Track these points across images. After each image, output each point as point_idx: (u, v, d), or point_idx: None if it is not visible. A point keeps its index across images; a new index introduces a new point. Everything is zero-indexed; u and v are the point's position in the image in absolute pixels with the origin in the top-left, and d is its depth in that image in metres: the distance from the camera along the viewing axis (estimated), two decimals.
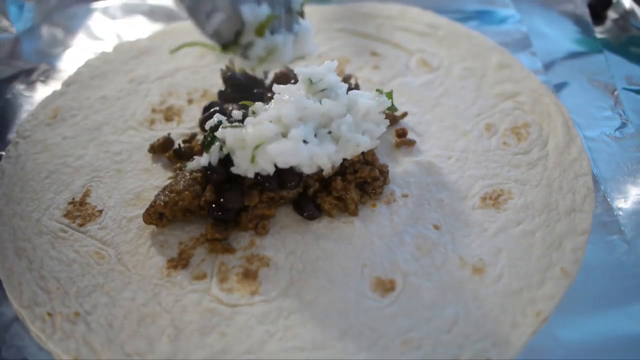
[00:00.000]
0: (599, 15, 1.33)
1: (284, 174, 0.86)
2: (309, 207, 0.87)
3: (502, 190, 0.92)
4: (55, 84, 1.19)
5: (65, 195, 0.94)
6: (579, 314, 0.78)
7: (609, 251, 0.85)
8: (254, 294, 0.80)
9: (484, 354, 0.72)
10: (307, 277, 0.81)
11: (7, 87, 1.21)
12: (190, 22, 0.76)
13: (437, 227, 0.87)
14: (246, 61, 0.80)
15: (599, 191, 0.93)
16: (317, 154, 0.84)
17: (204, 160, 0.86)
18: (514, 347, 0.73)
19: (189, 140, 1.00)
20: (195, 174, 0.88)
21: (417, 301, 0.78)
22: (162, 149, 0.99)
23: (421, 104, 1.08)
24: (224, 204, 0.85)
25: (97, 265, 0.84)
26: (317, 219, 0.88)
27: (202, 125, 1.01)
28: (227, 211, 0.86)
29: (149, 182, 0.96)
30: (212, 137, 0.87)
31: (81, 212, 0.92)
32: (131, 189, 0.95)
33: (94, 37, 1.35)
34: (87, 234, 0.89)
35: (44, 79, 1.23)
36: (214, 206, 0.86)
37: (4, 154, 1.02)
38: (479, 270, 0.81)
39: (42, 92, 1.19)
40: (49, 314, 0.78)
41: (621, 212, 0.91)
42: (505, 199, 0.90)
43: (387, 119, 1.02)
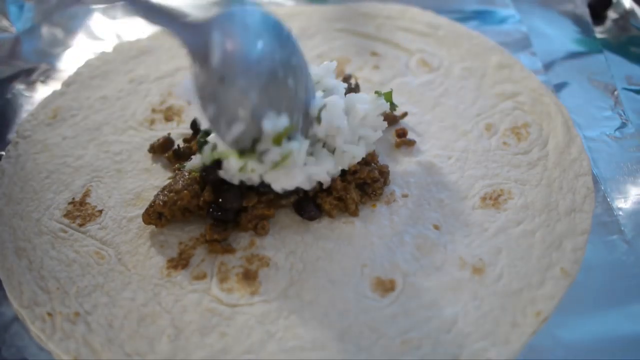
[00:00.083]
0: (599, 15, 1.33)
1: None
2: (309, 208, 0.87)
3: (502, 190, 0.92)
4: (55, 84, 1.19)
5: (65, 195, 0.94)
6: (579, 314, 0.78)
7: (609, 251, 0.85)
8: (254, 294, 0.80)
9: (483, 353, 0.72)
10: (307, 277, 0.81)
11: (7, 87, 1.20)
12: None
13: (437, 227, 0.87)
14: (261, 165, 0.80)
15: (599, 191, 0.93)
16: (315, 173, 0.84)
17: (198, 160, 0.87)
18: (514, 347, 0.73)
19: (189, 140, 1.00)
20: (194, 174, 0.88)
21: (417, 301, 0.78)
22: (162, 149, 0.99)
23: (421, 104, 1.08)
24: (222, 205, 0.85)
25: (97, 265, 0.84)
26: (317, 219, 0.88)
27: (192, 126, 1.01)
28: (226, 212, 0.86)
29: (149, 182, 0.96)
30: (205, 138, 0.87)
31: (81, 212, 0.92)
32: (131, 189, 0.95)
33: (94, 37, 1.35)
34: (87, 234, 0.89)
35: (44, 79, 1.23)
36: (213, 207, 0.86)
37: (4, 154, 1.02)
38: (479, 270, 0.81)
39: (42, 92, 1.19)
40: (49, 314, 0.78)
41: (621, 212, 0.91)
42: (505, 199, 0.90)
43: (386, 120, 1.02)
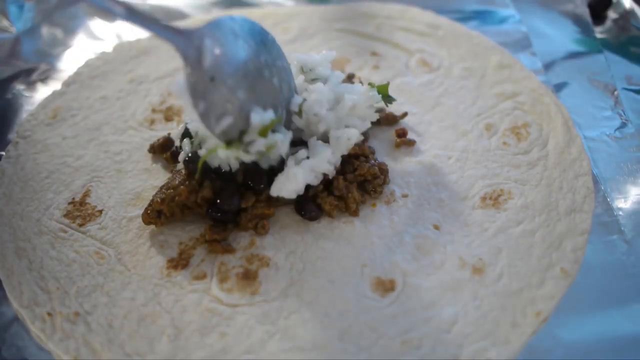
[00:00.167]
0: (599, 15, 1.33)
1: (275, 174, 0.86)
2: (310, 208, 0.87)
3: (502, 190, 0.92)
4: (55, 84, 1.19)
5: (65, 195, 0.94)
6: (579, 314, 0.78)
7: (609, 251, 0.85)
8: (254, 294, 0.80)
9: (483, 353, 0.72)
10: (307, 277, 0.81)
11: (7, 87, 1.20)
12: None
13: (437, 227, 0.87)
14: (247, 155, 0.83)
15: (599, 191, 0.93)
16: (316, 165, 0.86)
17: (181, 155, 0.88)
18: (514, 347, 0.73)
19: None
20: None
21: (417, 301, 0.78)
22: (162, 149, 0.99)
23: (421, 104, 1.08)
24: (220, 206, 0.85)
25: (97, 265, 0.84)
26: (317, 219, 0.88)
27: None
28: (225, 213, 0.86)
29: (149, 182, 0.96)
30: (185, 132, 0.90)
31: (81, 212, 0.92)
32: (131, 189, 0.95)
33: (94, 37, 1.35)
34: (87, 234, 0.89)
35: (44, 79, 1.23)
36: (211, 208, 0.86)
37: (4, 154, 1.02)
38: (478, 270, 0.81)
39: (42, 92, 1.19)
40: (49, 314, 0.78)
41: (621, 212, 0.91)
42: (505, 199, 0.90)
43: (386, 120, 1.02)
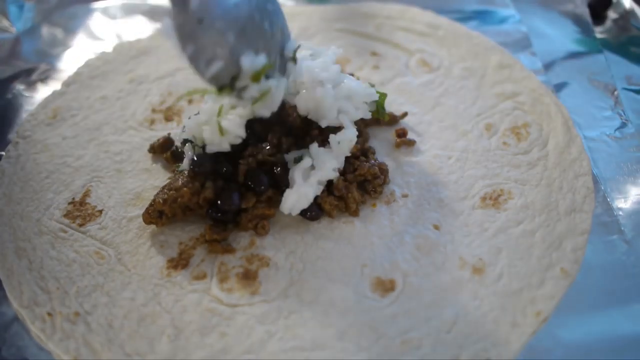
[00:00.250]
0: (599, 15, 1.33)
1: (276, 175, 0.87)
2: (310, 208, 0.87)
3: (502, 190, 0.92)
4: (55, 84, 1.19)
5: (65, 195, 0.94)
6: (579, 314, 0.78)
7: (609, 251, 0.85)
8: (254, 294, 0.80)
9: (483, 353, 0.72)
10: (307, 277, 0.81)
11: (7, 87, 1.20)
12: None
13: (437, 227, 0.87)
14: (240, 101, 0.82)
15: (599, 191, 0.93)
16: (323, 177, 0.86)
17: (185, 161, 0.88)
18: (514, 347, 0.73)
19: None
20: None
21: (417, 301, 0.78)
22: (162, 149, 0.99)
23: (421, 104, 1.08)
24: (221, 207, 0.85)
25: (97, 265, 0.84)
26: (317, 219, 0.88)
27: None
28: (225, 213, 0.86)
29: (149, 182, 0.96)
30: (185, 139, 0.90)
31: (81, 212, 0.92)
32: (131, 189, 0.95)
33: (94, 37, 1.35)
34: (87, 234, 0.89)
35: (44, 79, 1.23)
36: (212, 208, 0.86)
37: (4, 154, 1.02)
38: (478, 270, 0.81)
39: (42, 92, 1.19)
40: (49, 314, 0.78)
41: (621, 212, 0.91)
42: (505, 199, 0.90)
43: (386, 122, 1.01)
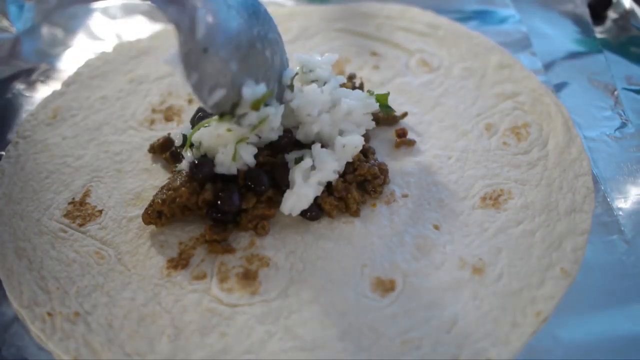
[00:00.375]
0: (599, 15, 1.33)
1: (276, 175, 0.87)
2: (310, 208, 0.87)
3: (502, 190, 0.92)
4: (55, 84, 1.19)
5: (65, 195, 0.94)
6: (579, 314, 0.78)
7: (609, 251, 0.85)
8: (254, 294, 0.80)
9: (483, 353, 0.72)
10: (307, 277, 0.81)
11: (7, 87, 1.20)
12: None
13: (437, 227, 0.87)
14: (239, 128, 0.84)
15: (599, 191, 0.93)
16: (324, 178, 0.86)
17: (184, 163, 0.88)
18: (514, 347, 0.73)
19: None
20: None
21: (417, 301, 0.78)
22: (162, 149, 0.99)
23: (421, 104, 1.08)
24: (221, 207, 0.85)
25: (97, 265, 0.84)
26: (317, 219, 0.88)
27: (192, 121, 1.01)
28: (225, 214, 0.86)
29: (149, 182, 0.96)
30: (186, 140, 0.89)
31: (81, 212, 0.92)
32: (131, 189, 0.95)
33: (94, 37, 1.35)
34: (87, 234, 0.89)
35: (44, 79, 1.23)
36: (212, 208, 0.86)
37: (4, 154, 1.02)
38: (478, 270, 0.81)
39: (42, 92, 1.19)
40: (49, 314, 0.78)
41: (621, 212, 0.91)
42: (505, 199, 0.90)
43: (386, 121, 1.01)
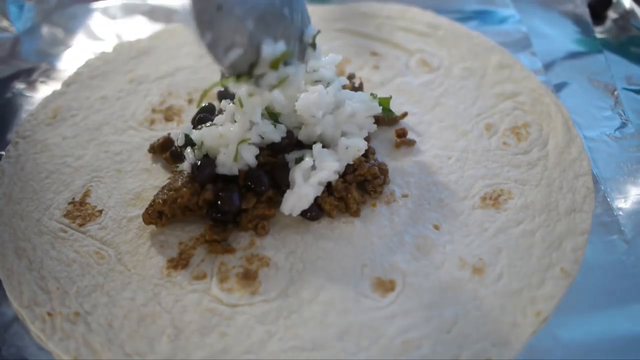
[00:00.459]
0: (599, 15, 1.33)
1: (276, 175, 0.87)
2: (310, 208, 0.87)
3: (502, 190, 0.92)
4: (55, 84, 1.19)
5: (65, 195, 0.94)
6: (579, 314, 0.78)
7: (609, 251, 0.85)
8: (254, 294, 0.80)
9: (484, 354, 0.72)
10: (307, 277, 0.81)
11: (7, 86, 1.21)
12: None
13: (437, 227, 0.87)
14: (258, 89, 0.82)
15: (599, 191, 0.93)
16: (324, 178, 0.86)
17: (186, 163, 0.88)
18: (514, 347, 0.73)
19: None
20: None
21: (417, 301, 0.78)
22: (162, 149, 0.99)
23: (421, 104, 1.08)
24: (221, 207, 0.85)
25: (97, 265, 0.84)
26: (318, 219, 0.88)
27: (193, 121, 1.01)
28: (225, 214, 0.86)
29: (149, 182, 0.96)
30: (187, 140, 0.89)
31: (81, 212, 0.92)
32: (131, 189, 0.95)
33: (94, 37, 1.35)
34: (87, 234, 0.89)
35: (44, 78, 1.23)
36: (212, 208, 0.86)
37: (4, 154, 1.02)
38: (478, 270, 0.81)
39: (42, 92, 1.19)
40: (49, 314, 0.78)
41: (621, 212, 0.91)
42: (505, 199, 0.90)
43: (387, 121, 1.02)
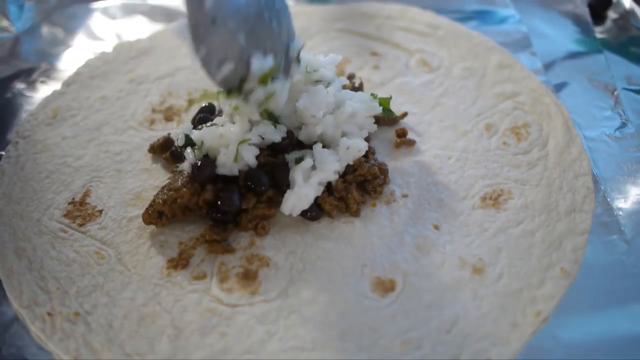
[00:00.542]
0: (599, 15, 1.33)
1: (276, 175, 0.87)
2: (311, 208, 0.87)
3: (502, 190, 0.92)
4: (55, 84, 1.19)
5: (65, 195, 0.94)
6: (579, 314, 0.78)
7: (609, 251, 0.85)
8: (254, 294, 0.80)
9: (483, 354, 0.72)
10: (307, 277, 0.81)
11: (7, 86, 1.20)
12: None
13: (437, 227, 0.87)
14: (246, 105, 0.84)
15: (599, 191, 0.93)
16: (325, 178, 0.86)
17: (186, 163, 0.88)
18: (514, 347, 0.73)
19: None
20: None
21: (417, 301, 0.78)
22: (162, 149, 0.99)
23: (421, 104, 1.08)
24: (221, 207, 0.85)
25: (97, 265, 0.84)
26: (318, 219, 0.88)
27: (193, 121, 1.01)
28: (225, 214, 0.86)
29: (149, 182, 0.96)
30: (188, 140, 0.89)
31: (81, 212, 0.92)
32: (131, 189, 0.95)
33: (94, 37, 1.35)
34: (87, 234, 0.89)
35: (44, 78, 1.23)
36: (212, 208, 0.86)
37: (4, 154, 1.02)
38: (478, 270, 0.81)
39: (42, 92, 1.19)
40: (49, 314, 0.78)
41: (621, 212, 0.91)
42: (505, 199, 0.90)
43: (387, 121, 1.02)
